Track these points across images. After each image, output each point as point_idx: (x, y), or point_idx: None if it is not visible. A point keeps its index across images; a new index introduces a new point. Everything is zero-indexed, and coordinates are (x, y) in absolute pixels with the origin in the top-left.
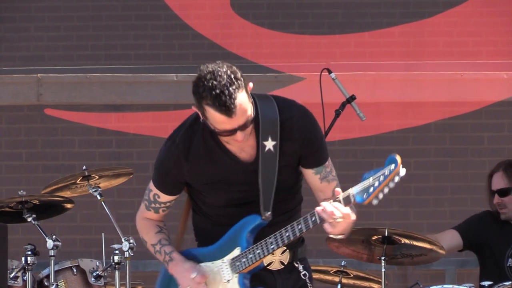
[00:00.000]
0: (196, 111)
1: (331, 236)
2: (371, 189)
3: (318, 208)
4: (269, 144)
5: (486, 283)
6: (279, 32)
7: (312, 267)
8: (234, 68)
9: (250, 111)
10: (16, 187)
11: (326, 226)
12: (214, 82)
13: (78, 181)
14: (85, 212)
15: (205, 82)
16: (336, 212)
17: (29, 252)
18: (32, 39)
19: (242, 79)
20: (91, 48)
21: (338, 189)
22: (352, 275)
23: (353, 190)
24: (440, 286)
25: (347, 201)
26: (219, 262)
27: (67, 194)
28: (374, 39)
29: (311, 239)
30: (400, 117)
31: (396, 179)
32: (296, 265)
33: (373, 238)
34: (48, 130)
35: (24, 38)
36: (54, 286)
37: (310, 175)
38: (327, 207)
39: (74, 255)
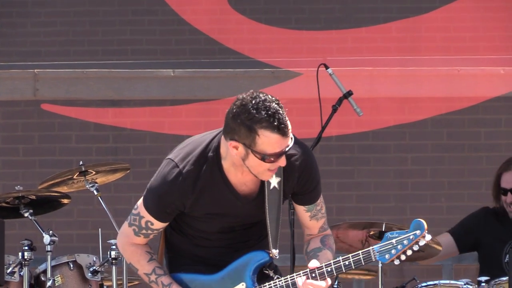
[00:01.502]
0: (234, 145)
1: None
2: (393, 251)
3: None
4: (274, 181)
5: (483, 278)
6: (276, 27)
7: None
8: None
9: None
10: (13, 182)
11: None
12: (266, 104)
13: (75, 177)
14: (82, 208)
15: (255, 107)
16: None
17: (26, 247)
18: (28, 35)
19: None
20: (88, 44)
21: (313, 264)
22: None
23: (375, 249)
24: (437, 281)
25: (367, 260)
26: None
27: (64, 189)
28: (371, 34)
29: None
30: (397, 112)
31: (421, 243)
32: (266, 271)
33: (371, 233)
34: (45, 126)
35: (21, 34)
36: (51, 281)
37: (301, 211)
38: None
39: (71, 251)
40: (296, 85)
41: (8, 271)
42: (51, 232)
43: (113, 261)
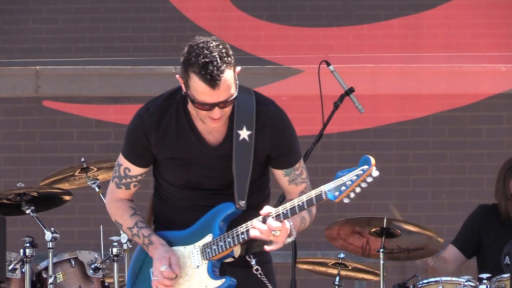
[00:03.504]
0: (179, 80)
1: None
2: (343, 188)
3: (251, 232)
4: (244, 133)
5: (485, 275)
6: (277, 24)
7: (310, 259)
8: (227, 45)
9: (233, 90)
10: (15, 179)
11: (266, 247)
12: (205, 51)
13: (76, 173)
14: (83, 204)
15: (196, 50)
16: (267, 227)
17: (28, 244)
18: (30, 31)
19: (232, 57)
20: (89, 40)
21: (266, 210)
22: (350, 267)
23: (326, 187)
24: (439, 278)
25: (318, 198)
26: (190, 247)
27: (65, 186)
28: (373, 31)
29: (309, 232)
30: (398, 109)
31: (369, 179)
32: (249, 259)
33: (372, 230)
34: (47, 122)
35: (22, 30)
36: (52, 278)
37: (279, 175)
38: (261, 227)
39: (73, 247)
40: (297, 82)
41: (10, 268)
42: (52, 229)
43: (115, 258)
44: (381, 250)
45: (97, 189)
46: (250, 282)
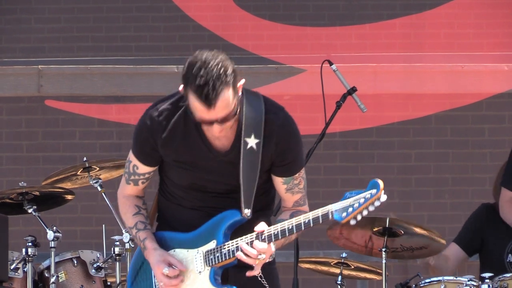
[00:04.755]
0: (181, 92)
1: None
2: (350, 209)
3: (238, 254)
4: (252, 141)
5: (487, 274)
6: (280, 23)
7: (312, 259)
8: (228, 62)
9: (232, 107)
10: (17, 179)
11: (247, 273)
12: (201, 72)
13: (78, 173)
14: (85, 204)
15: (194, 69)
16: (255, 252)
17: (30, 244)
18: (32, 31)
19: (232, 76)
20: (92, 40)
21: (260, 227)
22: (353, 267)
23: (333, 207)
24: (441, 277)
25: (325, 217)
26: (194, 251)
27: (67, 185)
28: (375, 31)
29: (311, 231)
30: (400, 108)
31: (377, 203)
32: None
33: (374, 230)
34: (49, 122)
35: (25, 30)
36: (54, 277)
37: (278, 182)
38: (248, 250)
39: (75, 247)
40: (300, 81)
41: (12, 267)
42: (54, 228)
43: (117, 257)
44: (384, 249)
45: (99, 189)
46: (254, 284)
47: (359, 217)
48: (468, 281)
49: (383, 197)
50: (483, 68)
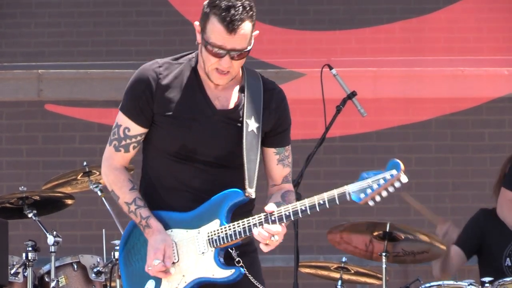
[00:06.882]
0: (196, 28)
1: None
2: (369, 190)
3: (254, 231)
4: (252, 125)
5: (487, 279)
6: (280, 28)
7: (312, 263)
8: (253, 4)
9: (247, 45)
10: (17, 183)
11: (261, 246)
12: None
13: (78, 177)
14: (85, 208)
15: None
16: (268, 235)
17: (30, 248)
18: (32, 35)
19: (255, 15)
20: (92, 44)
21: (270, 207)
22: (352, 271)
23: (349, 188)
24: (441, 282)
25: (342, 198)
26: (194, 231)
27: (67, 190)
28: (375, 35)
29: (311, 235)
30: (401, 113)
31: (397, 184)
32: (231, 250)
33: (375, 234)
34: (49, 126)
35: (25, 34)
36: (54, 282)
37: (270, 154)
38: (261, 232)
39: (75, 251)
40: (300, 85)
41: (12, 271)
42: (55, 233)
43: (117, 262)
44: (384, 254)
45: (99, 193)
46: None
47: (377, 199)
48: (468, 285)
49: (404, 178)
50: (483, 72)
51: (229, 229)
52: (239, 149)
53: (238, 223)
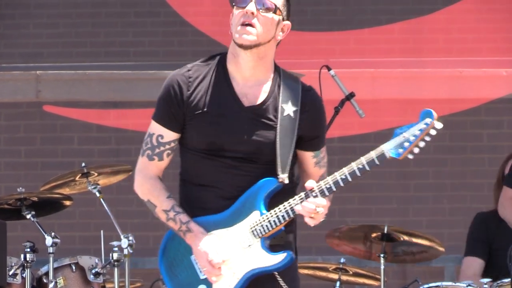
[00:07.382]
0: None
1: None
2: (406, 144)
3: (297, 207)
4: (289, 109)
5: (485, 280)
6: None
7: (311, 264)
8: None
9: (274, 6)
10: (15, 184)
11: (307, 220)
12: None
13: (77, 178)
14: (84, 209)
15: None
16: (314, 207)
17: (28, 249)
18: (31, 36)
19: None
20: (90, 45)
21: (310, 183)
22: (351, 272)
23: (386, 146)
24: (440, 283)
25: (381, 158)
26: (235, 228)
27: (66, 191)
28: (374, 36)
29: (310, 236)
30: (399, 114)
31: (432, 132)
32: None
33: (373, 236)
34: (47, 127)
35: (23, 35)
36: (53, 283)
37: (308, 158)
38: (305, 205)
39: (73, 252)
40: None
41: (10, 273)
42: (53, 234)
43: (115, 263)
44: (382, 255)
45: (97, 194)
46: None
47: (416, 150)
48: (467, 286)
49: (439, 125)
50: (482, 73)
51: (271, 216)
52: (267, 146)
53: (280, 208)
